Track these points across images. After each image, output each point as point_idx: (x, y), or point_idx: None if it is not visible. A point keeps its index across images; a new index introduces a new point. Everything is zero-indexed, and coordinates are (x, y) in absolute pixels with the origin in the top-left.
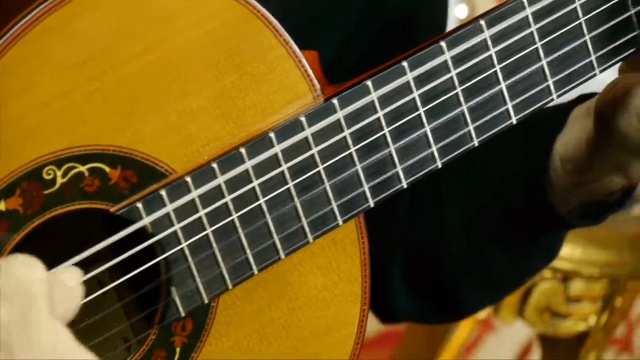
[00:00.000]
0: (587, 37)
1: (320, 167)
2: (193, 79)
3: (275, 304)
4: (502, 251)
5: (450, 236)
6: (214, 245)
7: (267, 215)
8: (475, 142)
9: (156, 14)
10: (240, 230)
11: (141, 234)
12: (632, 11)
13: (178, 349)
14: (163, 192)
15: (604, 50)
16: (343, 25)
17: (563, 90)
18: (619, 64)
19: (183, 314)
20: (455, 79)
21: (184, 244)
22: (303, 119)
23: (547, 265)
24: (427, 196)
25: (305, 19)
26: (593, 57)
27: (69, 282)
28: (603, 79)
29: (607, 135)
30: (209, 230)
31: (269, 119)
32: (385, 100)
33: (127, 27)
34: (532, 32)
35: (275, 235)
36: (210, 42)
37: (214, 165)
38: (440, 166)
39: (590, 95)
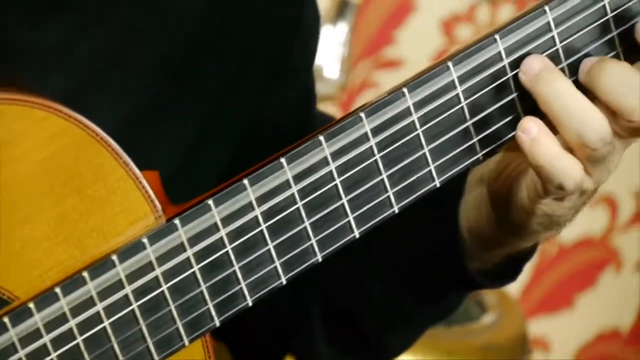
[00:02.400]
0: (426, 150)
1: (164, 287)
2: (32, 206)
3: None
4: (415, 302)
5: (366, 287)
6: None
7: (113, 339)
8: (319, 257)
9: None
10: (85, 354)
11: None
12: (469, 122)
13: None
14: (6, 319)
15: (444, 160)
16: (183, 141)
17: (404, 202)
18: None
19: None
20: (296, 195)
21: None
22: (145, 240)
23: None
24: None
25: (144, 138)
26: (432, 168)
27: None
28: None
29: (509, 208)
30: (53, 355)
31: (111, 241)
32: (227, 218)
33: None
34: (371, 146)
35: (120, 358)
36: (49, 167)
37: (57, 290)
38: (284, 282)
39: None
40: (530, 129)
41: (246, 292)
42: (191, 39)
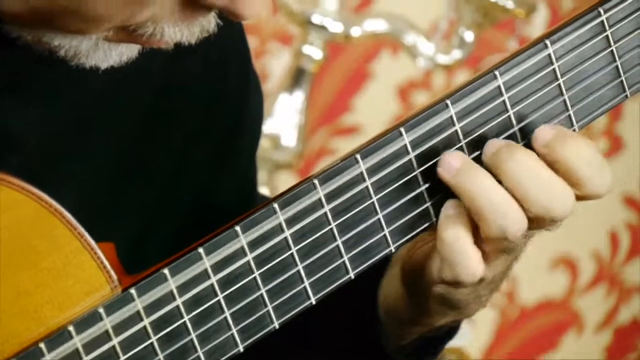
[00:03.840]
0: (380, 215)
1: (122, 358)
2: None
3: None
4: None
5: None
6: None
7: None
8: (276, 324)
9: None
10: None
11: None
12: (422, 188)
13: None
14: None
15: (398, 224)
16: (137, 214)
17: (360, 268)
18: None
19: None
20: (252, 262)
21: None
22: (101, 310)
23: None
24: None
25: (98, 212)
26: (387, 232)
27: None
28: None
29: (422, 285)
30: None
31: (67, 312)
32: (183, 287)
33: None
34: (325, 212)
35: None
36: (3, 240)
37: None
38: (242, 350)
39: None
40: (450, 208)
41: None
42: (140, 122)
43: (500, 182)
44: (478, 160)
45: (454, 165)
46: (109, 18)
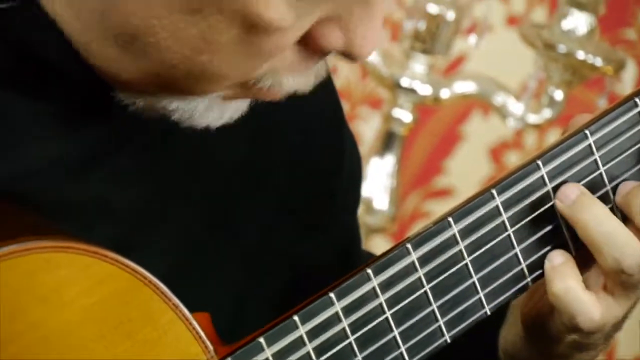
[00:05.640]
0: (475, 278)
1: None
2: (82, 353)
3: None
4: None
5: None
6: None
7: None
8: None
9: (39, 292)
10: None
11: None
12: (517, 249)
13: None
14: None
15: (493, 287)
16: (231, 283)
17: (455, 331)
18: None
19: None
20: (347, 329)
21: None
22: None
23: None
24: None
25: (191, 282)
26: (482, 295)
27: None
28: None
29: (543, 335)
30: None
31: None
32: (279, 355)
33: (11, 306)
34: (420, 277)
35: None
36: (98, 313)
37: None
38: None
39: None
40: (554, 258)
41: None
42: (229, 189)
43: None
44: None
45: (571, 196)
46: (232, 76)
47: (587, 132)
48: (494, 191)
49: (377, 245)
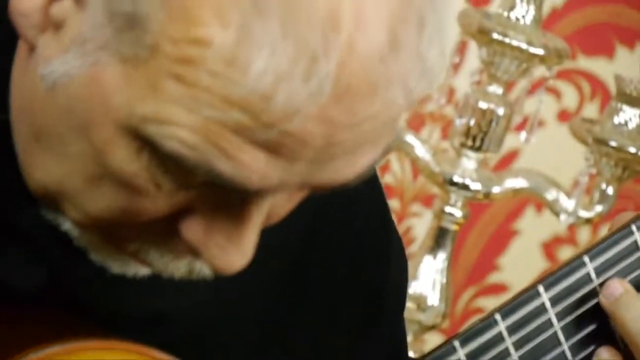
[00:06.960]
0: None
1: None
2: None
3: None
4: None
5: None
6: None
7: None
8: None
9: None
10: None
11: None
12: (565, 346)
13: None
14: None
15: None
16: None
17: None
18: None
19: None
20: None
21: None
22: None
23: None
24: None
25: None
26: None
27: None
28: None
29: None
30: None
31: None
32: None
33: None
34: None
35: None
36: None
37: None
38: None
39: None
40: (602, 354)
41: None
42: (280, 295)
43: None
44: None
45: (615, 294)
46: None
47: (633, 227)
48: (540, 287)
49: (430, 341)
